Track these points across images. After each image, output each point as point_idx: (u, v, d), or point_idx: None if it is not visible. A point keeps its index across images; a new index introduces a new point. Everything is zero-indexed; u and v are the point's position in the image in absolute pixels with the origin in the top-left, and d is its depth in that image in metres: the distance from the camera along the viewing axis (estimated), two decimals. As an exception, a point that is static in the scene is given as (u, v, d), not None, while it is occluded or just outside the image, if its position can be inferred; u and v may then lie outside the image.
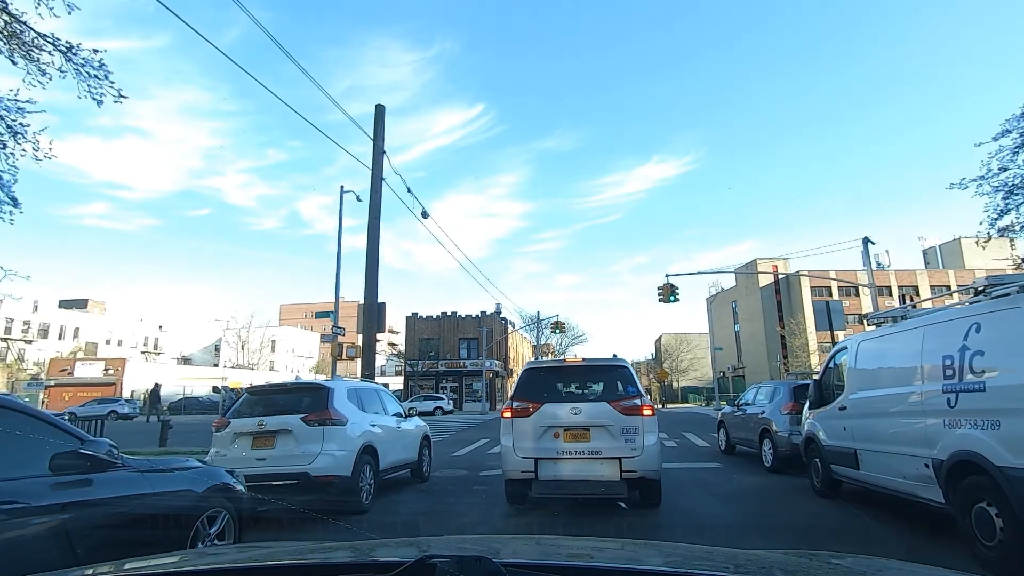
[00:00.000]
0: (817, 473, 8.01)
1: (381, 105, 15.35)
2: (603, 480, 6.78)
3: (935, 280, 61.69)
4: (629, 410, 6.92)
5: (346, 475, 7.05)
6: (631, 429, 6.83)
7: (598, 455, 6.82)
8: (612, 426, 6.85)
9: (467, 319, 51.72)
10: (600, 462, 6.81)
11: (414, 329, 51.82)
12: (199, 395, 50.73)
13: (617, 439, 6.82)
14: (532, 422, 6.99)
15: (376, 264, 14.67)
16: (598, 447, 6.83)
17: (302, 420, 7.05)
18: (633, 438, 6.81)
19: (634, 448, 6.77)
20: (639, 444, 6.79)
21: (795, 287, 61.67)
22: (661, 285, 25.77)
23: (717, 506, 7.77)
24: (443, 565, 1.02)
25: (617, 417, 6.87)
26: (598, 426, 6.88)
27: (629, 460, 6.72)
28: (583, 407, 7.01)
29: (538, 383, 7.46)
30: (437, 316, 52.46)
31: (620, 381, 7.48)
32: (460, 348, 51.56)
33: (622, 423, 6.85)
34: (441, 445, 16.74)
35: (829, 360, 8.12)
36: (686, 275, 25.87)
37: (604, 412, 6.92)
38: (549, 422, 6.95)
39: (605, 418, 6.88)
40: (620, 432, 6.83)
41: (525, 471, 6.89)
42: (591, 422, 6.90)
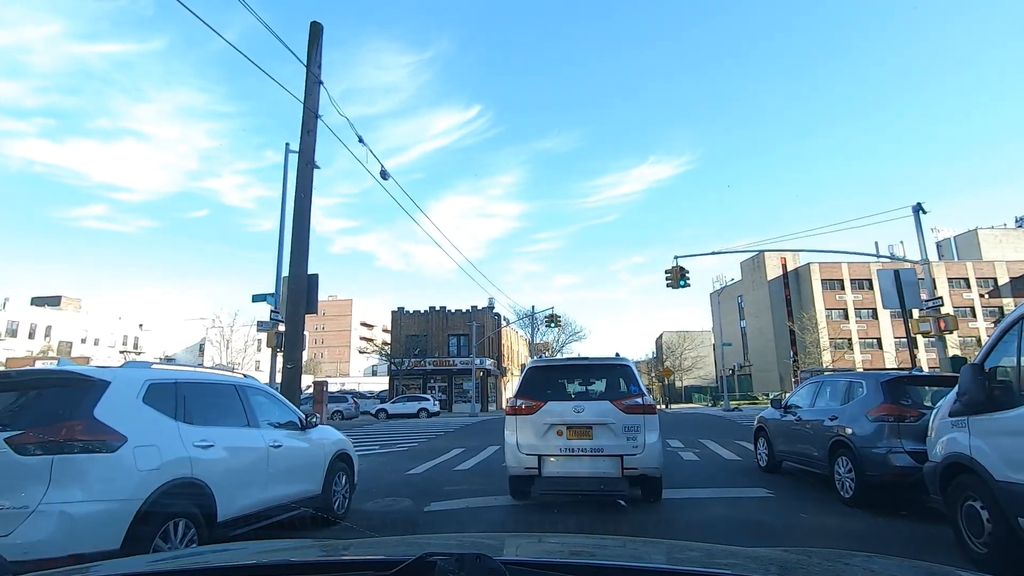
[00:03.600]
0: (977, 527, 4.62)
1: (317, 23, 12.02)
2: (605, 477, 6.91)
3: (953, 272, 58.43)
4: (631, 408, 7.02)
5: (112, 547, 3.64)
6: (633, 427, 6.94)
7: (600, 452, 6.93)
8: (614, 424, 6.96)
9: (457, 314, 48.35)
10: (602, 459, 6.93)
11: (400, 325, 48.41)
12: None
13: (619, 437, 6.92)
14: (536, 419, 7.10)
15: (307, 225, 11.34)
16: (600, 445, 6.94)
17: (11, 443, 3.61)
18: (635, 436, 6.92)
19: (635, 446, 6.89)
20: (640, 442, 6.91)
21: (805, 280, 58.39)
22: (669, 269, 22.39)
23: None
24: (443, 563, 1.02)
25: (619, 415, 6.98)
26: (600, 424, 6.98)
27: (631, 458, 6.84)
28: (586, 405, 7.12)
29: (542, 381, 7.55)
30: (425, 311, 49.07)
31: (622, 380, 7.59)
32: (449, 345, 48.18)
33: (624, 421, 6.96)
34: (399, 458, 13.39)
35: (1004, 332, 4.59)
36: (697, 255, 22.57)
37: (607, 410, 7.02)
38: (553, 420, 7.06)
39: (608, 416, 6.99)
40: (622, 430, 6.94)
41: (529, 467, 7.02)
42: (594, 420, 7.00)
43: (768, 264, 60.46)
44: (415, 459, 13.14)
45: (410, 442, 17.65)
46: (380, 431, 22.43)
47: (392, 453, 14.87)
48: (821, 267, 57.17)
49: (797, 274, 59.53)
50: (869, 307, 56.93)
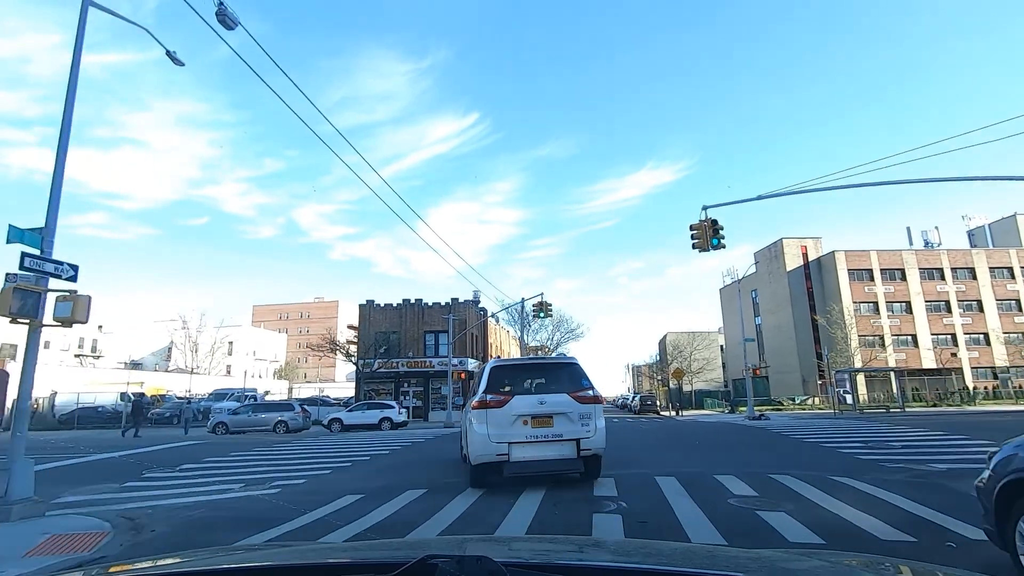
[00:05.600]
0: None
1: None
2: (564, 459, 8.18)
3: (994, 261, 52.11)
4: (585, 399, 8.32)
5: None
6: (586, 415, 8.26)
7: (560, 438, 8.17)
8: (571, 413, 8.22)
9: (435, 308, 42.02)
10: (562, 443, 8.18)
11: (368, 320, 42.02)
12: (104, 404, 40.97)
13: (575, 424, 8.20)
14: (504, 412, 8.13)
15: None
16: (560, 431, 8.17)
17: None
18: (588, 422, 8.25)
19: (589, 430, 8.24)
20: (592, 427, 8.28)
21: (829, 270, 52.04)
22: (695, 225, 16.15)
23: None
24: (444, 565, 1.02)
25: (576, 405, 8.25)
26: (560, 414, 8.20)
27: (585, 440, 8.21)
28: (547, 398, 8.28)
29: (506, 378, 8.61)
30: (398, 305, 42.73)
31: (574, 375, 8.68)
32: (426, 343, 41.80)
33: (580, 410, 8.24)
34: (233, 515, 7.14)
35: None
36: (729, 204, 16.23)
37: (565, 401, 8.25)
38: (519, 411, 8.14)
39: (566, 406, 8.22)
40: (578, 418, 8.22)
41: (500, 454, 8.05)
42: (554, 410, 8.20)
43: (787, 253, 54.22)
44: (255, 522, 6.90)
45: (320, 469, 11.45)
46: (309, 449, 16.20)
47: (246, 500, 8.67)
48: (847, 255, 50.97)
49: (820, 264, 53.29)
50: (902, 300, 50.70)
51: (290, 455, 14.83)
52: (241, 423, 29.14)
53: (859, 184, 15.42)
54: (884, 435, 16.07)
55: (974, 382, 48.06)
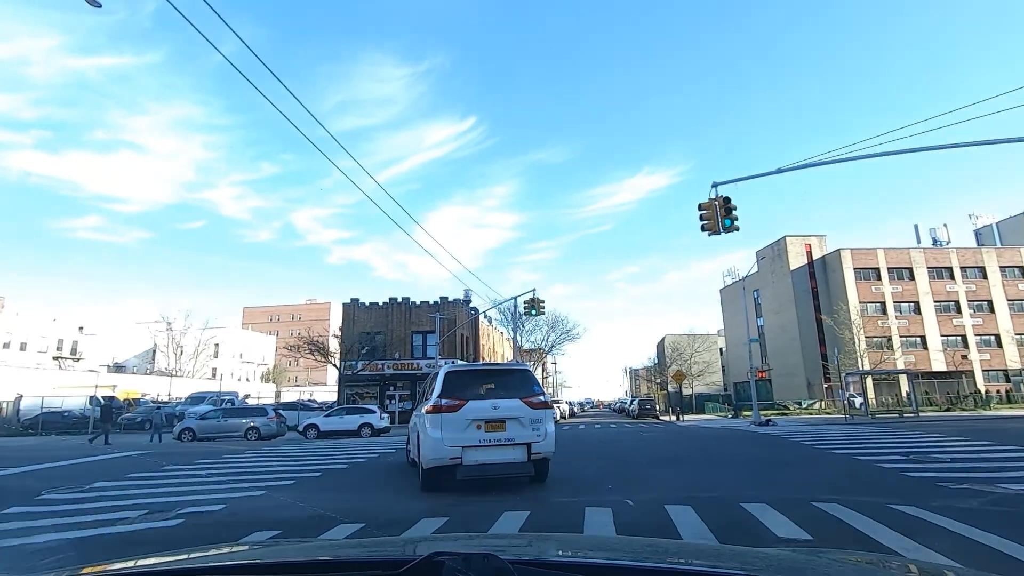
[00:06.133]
0: None
1: None
2: (516, 462, 8.45)
3: (1005, 260, 50.30)
4: (536, 404, 8.63)
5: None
6: (538, 419, 8.57)
7: (512, 442, 8.43)
8: (523, 418, 8.50)
9: (423, 307, 39.95)
10: (514, 447, 8.45)
11: (353, 320, 39.88)
12: (71, 408, 38.74)
13: (527, 428, 8.51)
14: (459, 416, 8.30)
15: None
16: (512, 435, 8.44)
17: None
18: (539, 427, 8.57)
19: (539, 435, 8.56)
20: (543, 431, 8.60)
21: (835, 269, 50.15)
22: (704, 204, 14.17)
23: None
24: (451, 563, 1.02)
25: (527, 410, 8.54)
26: (512, 418, 8.46)
27: (536, 444, 8.53)
28: (500, 403, 8.50)
29: (461, 384, 8.73)
30: (384, 304, 40.63)
31: (526, 381, 8.98)
32: (413, 344, 39.71)
33: (531, 415, 8.54)
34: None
35: None
36: (741, 180, 14.24)
37: (517, 407, 8.52)
38: (473, 416, 8.34)
39: (518, 411, 8.50)
40: (529, 422, 8.52)
41: (454, 458, 8.18)
42: (507, 415, 8.45)
43: (790, 252, 52.31)
44: None
45: (255, 488, 9.36)
46: (266, 460, 14.10)
47: (131, 536, 6.63)
48: (853, 254, 49.09)
49: (824, 263, 51.39)
50: (911, 300, 48.83)
51: (236, 468, 12.72)
52: (209, 429, 27.02)
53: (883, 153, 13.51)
54: (919, 444, 14.06)
55: (986, 385, 46.15)
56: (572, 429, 29.88)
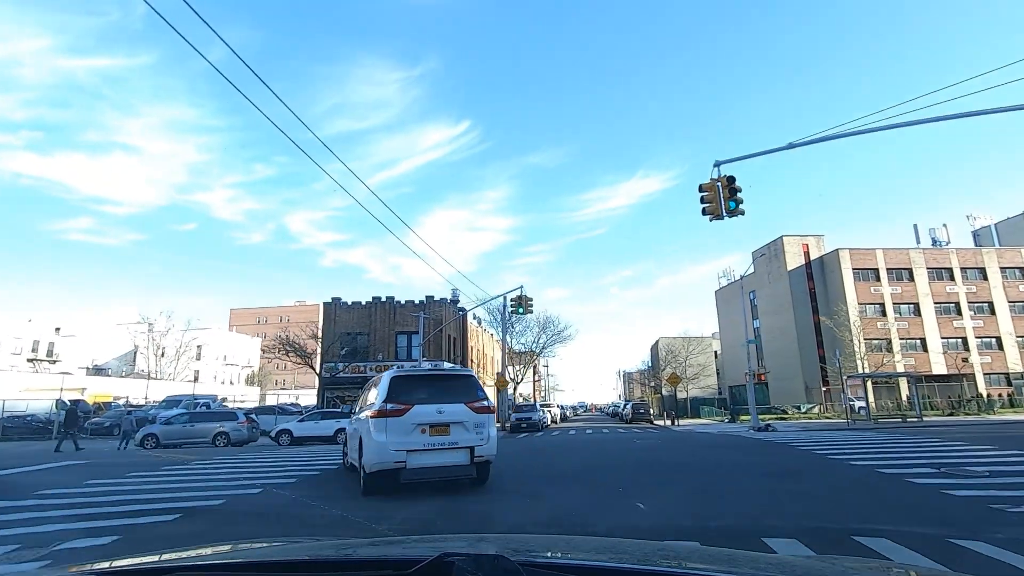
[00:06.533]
0: None
1: None
2: (459, 465, 8.62)
3: (1006, 260, 49.26)
4: (480, 409, 8.91)
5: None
6: (481, 424, 8.85)
7: (456, 445, 8.61)
8: (467, 422, 8.74)
9: (408, 307, 38.30)
10: (457, 451, 8.62)
11: (334, 320, 38.18)
12: (36, 412, 36.77)
13: (470, 432, 8.73)
14: (404, 421, 8.42)
15: None
16: (456, 439, 8.62)
17: None
18: (482, 431, 8.83)
19: (483, 438, 8.81)
20: (486, 435, 8.87)
21: (833, 269, 48.94)
22: (705, 185, 12.69)
23: None
24: (461, 563, 1.02)
25: (471, 415, 8.79)
26: (456, 423, 8.67)
27: (479, 448, 8.75)
28: (445, 408, 8.67)
29: (406, 388, 8.84)
30: (367, 303, 38.96)
31: (470, 386, 9.26)
32: (398, 345, 38.05)
33: (475, 419, 8.80)
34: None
35: None
36: (747, 158, 12.76)
37: (462, 411, 8.75)
38: (419, 420, 8.48)
39: (462, 416, 8.72)
40: (473, 427, 8.77)
41: (398, 461, 8.26)
42: (451, 419, 8.64)
43: (788, 252, 51.04)
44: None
45: (166, 513, 7.67)
46: (217, 470, 12.43)
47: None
48: (852, 254, 47.89)
49: (822, 263, 50.14)
50: (910, 301, 47.64)
51: (171, 483, 11.05)
52: (175, 435, 25.27)
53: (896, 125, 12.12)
54: (943, 454, 12.61)
55: (987, 389, 44.99)
56: (561, 435, 28.32)
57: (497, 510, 7.71)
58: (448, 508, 7.77)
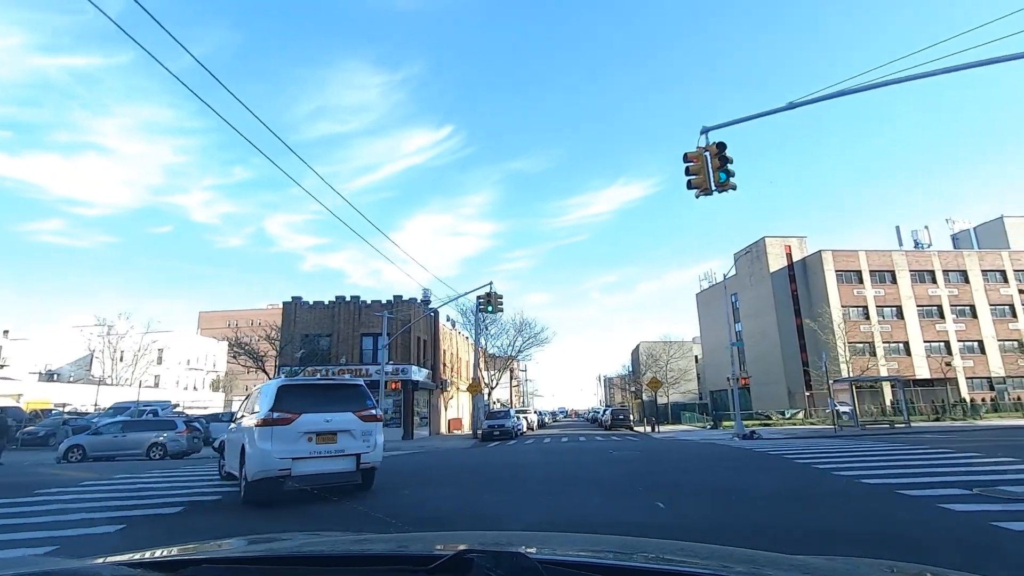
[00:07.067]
0: None
1: None
2: (345, 472, 8.87)
3: (987, 263, 48.76)
4: (368, 418, 9.17)
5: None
6: (368, 432, 9.11)
7: (343, 452, 8.86)
8: (355, 430, 8.97)
9: (374, 307, 36.02)
10: (344, 458, 8.87)
11: (294, 321, 35.74)
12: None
13: (357, 440, 8.98)
14: (291, 429, 8.50)
15: None
16: (343, 446, 8.86)
17: None
18: (369, 439, 9.10)
19: (369, 446, 9.08)
20: (373, 443, 9.15)
21: (816, 271, 47.90)
22: (691, 154, 10.88)
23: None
24: (480, 560, 1.02)
25: (359, 423, 9.03)
26: (344, 431, 8.89)
27: (366, 455, 9.04)
28: (333, 416, 8.87)
29: (294, 397, 8.93)
30: (330, 303, 36.62)
31: (359, 395, 9.44)
32: (363, 348, 35.75)
33: (362, 428, 9.04)
34: None
35: None
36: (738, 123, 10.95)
37: (350, 420, 8.98)
38: (306, 428, 8.58)
39: (350, 424, 8.96)
40: (360, 434, 9.01)
41: (283, 469, 8.35)
42: (339, 428, 8.85)
43: (770, 253, 49.95)
44: None
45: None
46: (102, 491, 10.12)
47: None
48: (835, 255, 46.92)
49: (805, 265, 49.12)
50: (893, 304, 46.78)
51: (17, 513, 8.76)
52: (104, 446, 22.74)
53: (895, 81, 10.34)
54: (963, 467, 10.93)
55: (970, 393, 44.24)
56: (535, 444, 26.32)
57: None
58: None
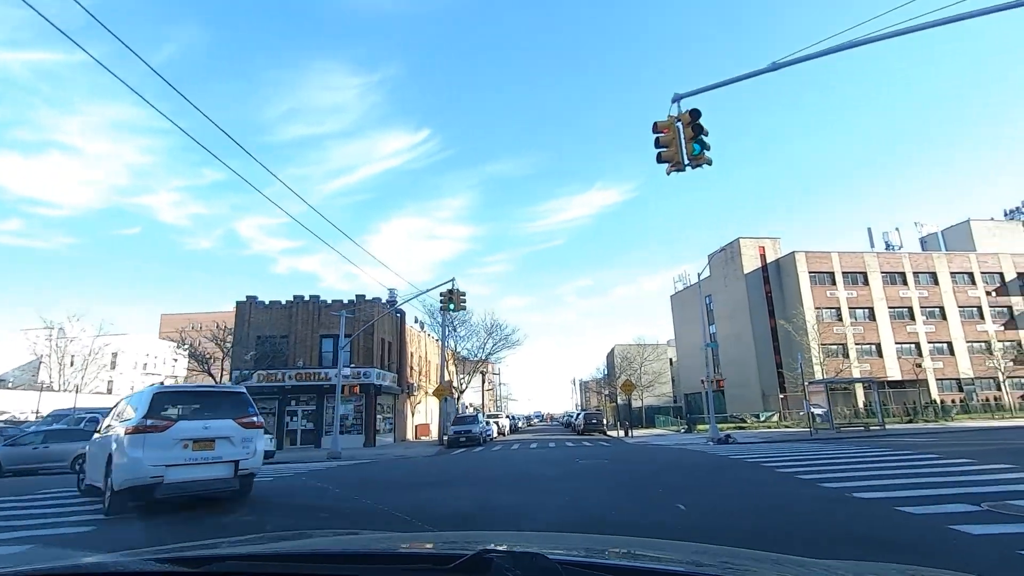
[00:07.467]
0: None
1: None
2: (221, 479, 8.74)
3: (956, 266, 49.07)
4: (248, 424, 9.13)
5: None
6: (248, 439, 9.05)
7: (220, 459, 8.72)
8: (234, 437, 8.89)
9: (335, 306, 34.13)
10: (221, 464, 8.74)
11: (248, 322, 33.65)
12: None
13: (237, 446, 8.91)
14: (165, 436, 8.34)
15: None
16: (220, 453, 8.73)
17: None
18: (248, 445, 9.03)
19: (248, 452, 9.01)
20: (252, 449, 9.08)
21: (789, 272, 47.54)
22: (662, 123, 9.59)
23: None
24: (500, 560, 1.03)
25: (239, 430, 8.98)
26: (223, 437, 8.81)
27: (244, 461, 8.95)
28: (212, 423, 8.82)
29: (171, 404, 8.98)
30: (287, 303, 34.62)
31: (240, 403, 9.40)
32: (323, 350, 33.82)
33: (242, 434, 9.00)
34: None
35: None
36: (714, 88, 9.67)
37: (229, 427, 8.92)
38: (182, 435, 8.45)
39: (229, 431, 8.88)
40: (240, 441, 8.95)
41: (154, 477, 8.14)
42: (217, 434, 8.76)
43: (744, 254, 49.48)
44: None
45: None
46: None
47: None
48: (808, 256, 46.66)
49: (779, 266, 48.78)
50: (865, 306, 46.69)
51: None
52: (23, 459, 20.48)
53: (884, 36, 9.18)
54: (961, 477, 9.85)
55: (940, 394, 44.29)
56: (502, 451, 24.85)
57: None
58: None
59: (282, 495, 10.93)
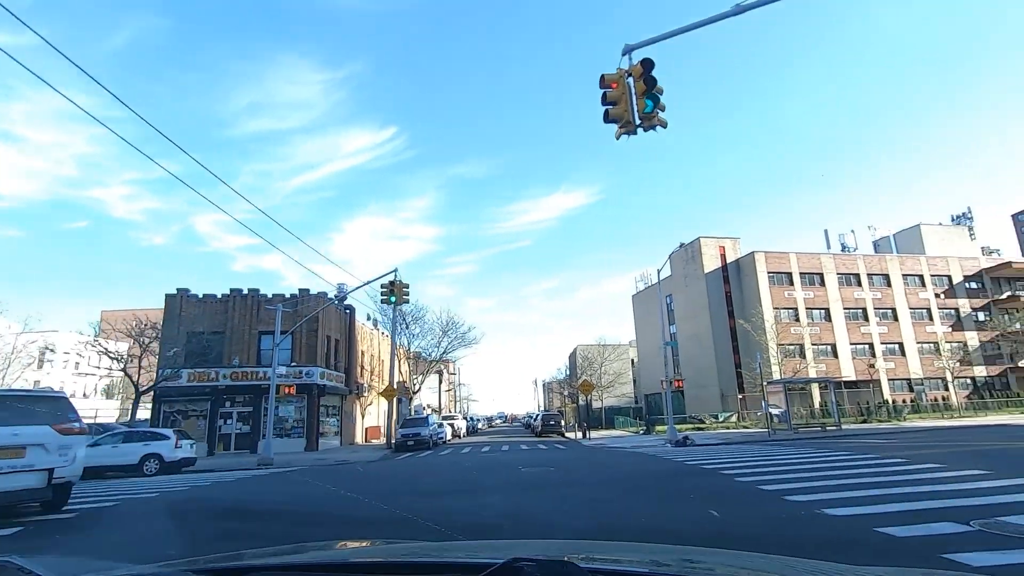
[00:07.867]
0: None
1: None
2: (31, 488, 8.23)
3: (907, 268, 49.99)
4: (67, 431, 8.64)
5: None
6: (67, 446, 8.58)
7: (31, 468, 8.18)
8: (50, 444, 8.37)
9: (276, 301, 31.82)
10: (32, 473, 8.20)
11: (179, 317, 31.03)
12: None
13: (52, 454, 8.40)
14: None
15: None
16: (32, 461, 8.19)
17: None
18: (67, 453, 8.59)
19: (66, 460, 8.56)
20: (71, 456, 8.65)
21: (749, 272, 47.44)
22: (609, 77, 8.21)
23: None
24: (529, 569, 1.03)
25: (57, 437, 8.46)
26: (36, 444, 8.24)
27: (61, 469, 8.46)
28: (24, 429, 8.19)
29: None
30: (223, 296, 32.14)
31: (60, 409, 8.96)
32: (261, 348, 31.49)
33: (60, 441, 8.48)
34: None
35: None
36: (670, 37, 8.31)
37: (45, 433, 8.38)
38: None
39: (45, 438, 8.34)
40: (56, 448, 8.44)
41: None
42: (30, 441, 8.18)
43: (705, 254, 49.19)
44: None
45: None
46: None
47: None
48: (767, 257, 46.67)
49: (739, 266, 48.66)
50: (822, 306, 47.00)
51: None
52: None
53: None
54: (929, 485, 8.84)
55: (891, 395, 44.89)
56: (450, 455, 23.25)
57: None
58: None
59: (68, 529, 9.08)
